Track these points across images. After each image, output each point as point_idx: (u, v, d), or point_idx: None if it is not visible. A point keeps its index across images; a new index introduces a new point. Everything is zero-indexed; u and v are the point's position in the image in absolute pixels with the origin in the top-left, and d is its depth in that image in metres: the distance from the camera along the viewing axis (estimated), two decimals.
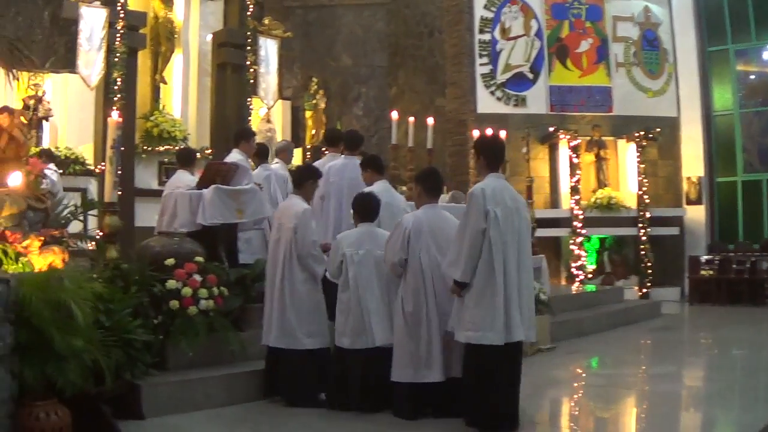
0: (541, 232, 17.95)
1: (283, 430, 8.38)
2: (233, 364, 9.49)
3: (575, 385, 11.13)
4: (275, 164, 13.65)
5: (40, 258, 9.00)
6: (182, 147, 15.33)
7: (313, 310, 9.19)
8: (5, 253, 8.58)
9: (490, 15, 21.36)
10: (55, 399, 7.23)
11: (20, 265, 8.61)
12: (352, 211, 9.53)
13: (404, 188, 13.40)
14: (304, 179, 9.65)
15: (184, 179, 11.93)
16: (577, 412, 9.78)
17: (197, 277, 9.45)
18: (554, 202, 21.49)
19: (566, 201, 21.11)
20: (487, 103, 21.04)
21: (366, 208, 9.29)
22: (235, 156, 12.14)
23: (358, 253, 8.96)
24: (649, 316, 17.22)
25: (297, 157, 17.69)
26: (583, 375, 11.91)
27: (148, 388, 8.43)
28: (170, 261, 9.55)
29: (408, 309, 8.47)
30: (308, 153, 19.82)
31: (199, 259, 9.71)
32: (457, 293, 8.10)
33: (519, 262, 8.05)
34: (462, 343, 8.07)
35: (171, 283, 9.32)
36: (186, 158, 12.63)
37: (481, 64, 21.19)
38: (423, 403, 8.47)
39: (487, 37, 21.34)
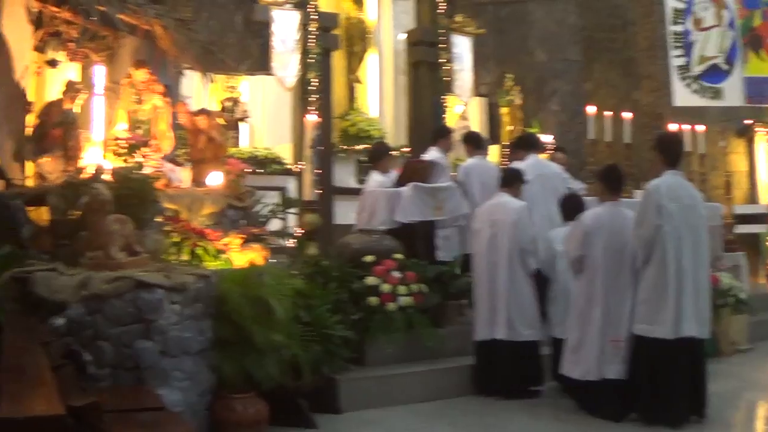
0: (740, 229, 17.18)
1: (480, 425, 8.26)
2: (430, 361, 9.40)
3: None
4: (471, 161, 13.49)
5: (241, 255, 9.17)
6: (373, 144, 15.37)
7: (531, 303, 9.23)
8: (206, 250, 8.75)
9: (681, 6, 20.54)
10: (253, 392, 7.32)
11: (220, 261, 8.76)
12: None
13: None
14: (515, 180, 9.73)
15: (376, 180, 11.87)
16: None
17: (396, 274, 9.44)
18: (753, 197, 20.53)
19: (765, 196, 20.15)
20: (683, 95, 20.17)
21: (571, 209, 9.41)
22: (433, 153, 12.08)
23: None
24: None
25: (493, 154, 17.48)
26: None
27: (346, 382, 8.47)
28: (369, 258, 9.56)
29: (579, 303, 8.47)
30: (505, 150, 19.57)
31: (398, 256, 9.70)
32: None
33: (695, 258, 8.01)
34: (633, 339, 8.11)
35: (370, 280, 9.34)
36: (372, 156, 12.59)
37: (676, 56, 20.33)
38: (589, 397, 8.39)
39: (680, 28, 20.51)
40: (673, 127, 14.58)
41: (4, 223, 8.01)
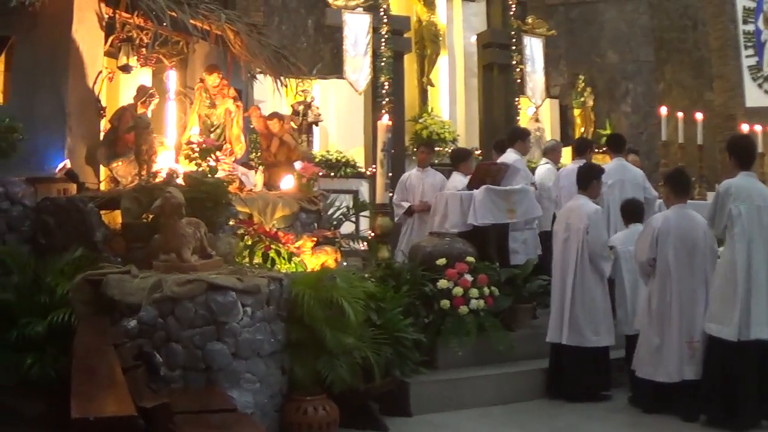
0: None
1: (550, 429, 8.19)
2: (502, 364, 9.32)
3: None
4: (544, 164, 13.39)
5: (313, 258, 9.18)
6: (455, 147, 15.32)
7: (601, 308, 9.15)
8: (278, 253, 8.77)
9: (752, 4, 20.03)
10: (324, 395, 7.33)
11: (293, 264, 8.78)
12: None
13: None
14: (590, 179, 9.57)
15: (460, 181, 11.80)
16: None
17: (468, 277, 9.37)
18: None
19: None
20: (755, 96, 19.66)
21: (630, 213, 9.62)
22: (510, 156, 11.96)
23: (628, 249, 9.18)
24: None
25: (566, 156, 17.35)
26: None
27: (417, 385, 8.43)
28: (441, 261, 9.51)
29: (653, 306, 8.45)
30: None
31: (471, 259, 9.63)
32: None
33: None
34: (706, 338, 8.09)
35: (442, 283, 9.28)
36: (456, 157, 12.55)
37: (747, 56, 19.91)
38: (663, 399, 8.37)
39: (750, 27, 20.02)
40: (745, 128, 14.31)
41: (78, 227, 8.12)
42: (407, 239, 11.71)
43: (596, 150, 17.53)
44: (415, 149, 16.20)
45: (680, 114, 13.54)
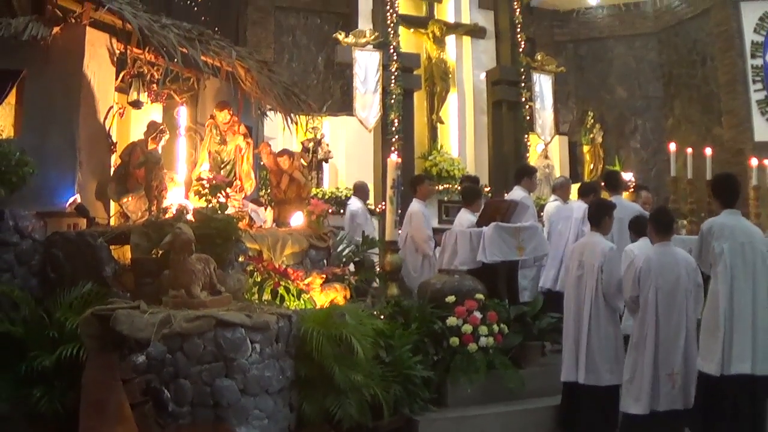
0: None
1: None
2: (510, 402, 9.23)
3: None
4: (553, 201, 13.38)
5: (322, 295, 9.15)
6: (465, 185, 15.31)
7: (615, 346, 9.04)
8: (287, 289, 8.76)
9: (760, 39, 20.02)
10: None
11: (302, 301, 8.76)
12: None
13: (685, 221, 12.92)
14: (602, 216, 9.50)
15: (468, 219, 11.80)
16: None
17: (478, 314, 9.32)
18: None
19: None
20: (764, 130, 19.56)
21: (639, 227, 9.55)
22: (517, 193, 11.99)
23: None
24: None
25: (575, 193, 17.34)
26: None
27: (426, 423, 8.35)
28: (451, 298, 9.47)
29: (634, 342, 8.51)
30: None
31: (480, 296, 9.59)
32: None
33: (754, 295, 7.93)
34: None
35: (451, 320, 9.23)
36: (467, 195, 12.54)
37: (756, 90, 19.93)
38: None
39: (759, 62, 20.02)
40: (754, 162, 14.32)
41: (88, 261, 8.12)
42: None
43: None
44: None
45: (689, 149, 13.55)
